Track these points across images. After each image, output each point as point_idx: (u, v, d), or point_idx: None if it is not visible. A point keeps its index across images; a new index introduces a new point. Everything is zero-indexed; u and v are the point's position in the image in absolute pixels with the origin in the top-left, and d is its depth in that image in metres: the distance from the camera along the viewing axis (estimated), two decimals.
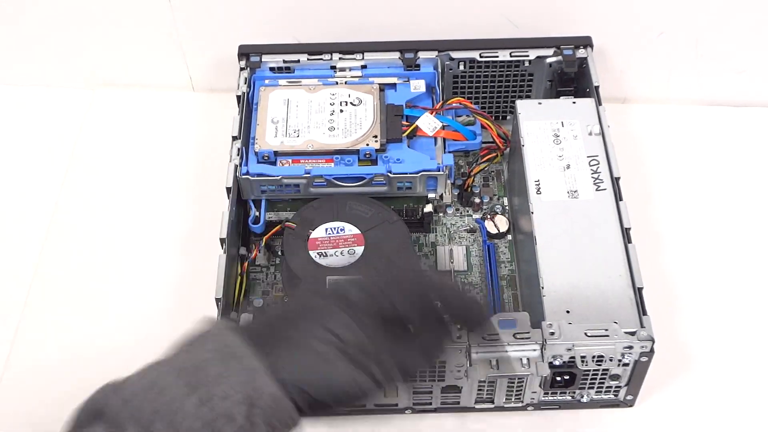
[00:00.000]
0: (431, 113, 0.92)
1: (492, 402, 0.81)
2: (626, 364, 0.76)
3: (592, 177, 0.85)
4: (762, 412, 0.83)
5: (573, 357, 0.75)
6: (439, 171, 0.88)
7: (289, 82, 0.96)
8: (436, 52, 0.96)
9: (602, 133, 0.88)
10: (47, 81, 1.12)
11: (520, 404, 0.81)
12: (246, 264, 0.87)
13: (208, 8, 1.03)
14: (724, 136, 1.06)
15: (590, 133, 0.88)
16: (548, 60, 0.97)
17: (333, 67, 0.97)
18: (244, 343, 0.57)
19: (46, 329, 0.90)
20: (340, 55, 0.97)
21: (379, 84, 0.95)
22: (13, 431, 0.83)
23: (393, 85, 0.96)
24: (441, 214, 0.95)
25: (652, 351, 0.74)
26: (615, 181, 0.85)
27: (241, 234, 0.90)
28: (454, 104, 0.94)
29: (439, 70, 0.96)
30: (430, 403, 0.81)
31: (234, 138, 0.90)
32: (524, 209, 0.86)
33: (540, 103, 0.92)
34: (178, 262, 0.94)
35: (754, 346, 0.87)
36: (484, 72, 0.98)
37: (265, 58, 0.97)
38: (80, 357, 0.87)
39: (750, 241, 0.95)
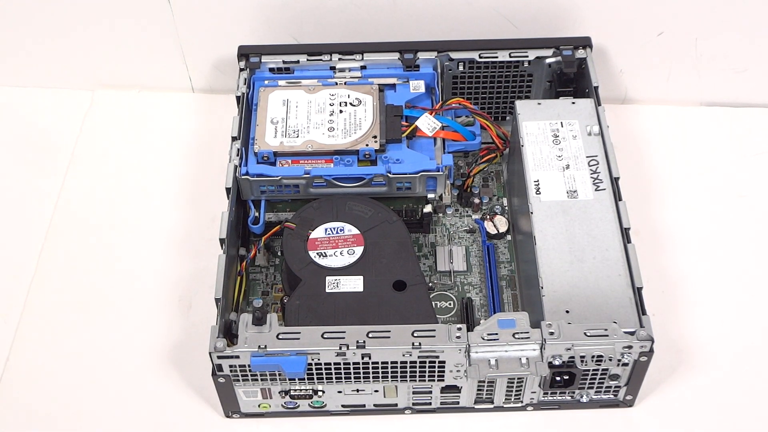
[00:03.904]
0: (431, 114, 0.92)
1: (491, 402, 0.81)
2: (626, 364, 0.76)
3: (592, 177, 0.85)
4: (762, 412, 0.83)
5: (572, 357, 0.75)
6: (438, 171, 0.88)
7: (289, 82, 0.96)
8: (435, 53, 0.97)
9: (601, 134, 0.88)
10: (47, 82, 1.12)
11: (519, 404, 0.82)
12: (245, 264, 0.87)
13: (207, 9, 1.03)
14: (723, 136, 1.06)
15: (589, 134, 0.88)
16: (547, 60, 0.97)
17: (332, 68, 0.97)
18: None
19: (46, 329, 0.90)
20: (340, 56, 0.97)
21: (379, 84, 0.95)
22: (13, 431, 0.83)
23: (392, 86, 0.96)
24: (440, 215, 0.95)
25: (651, 351, 0.74)
26: (614, 181, 0.85)
27: (240, 234, 0.90)
28: (453, 105, 0.94)
29: (439, 70, 0.96)
30: (430, 403, 0.82)
31: (233, 138, 0.90)
32: (524, 209, 0.86)
33: (539, 104, 0.92)
34: (177, 262, 0.95)
35: (754, 345, 0.87)
36: (484, 72, 0.98)
37: (264, 58, 0.97)
38: (80, 357, 0.87)
39: (750, 241, 0.95)
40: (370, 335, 0.74)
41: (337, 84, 0.96)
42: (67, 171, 1.03)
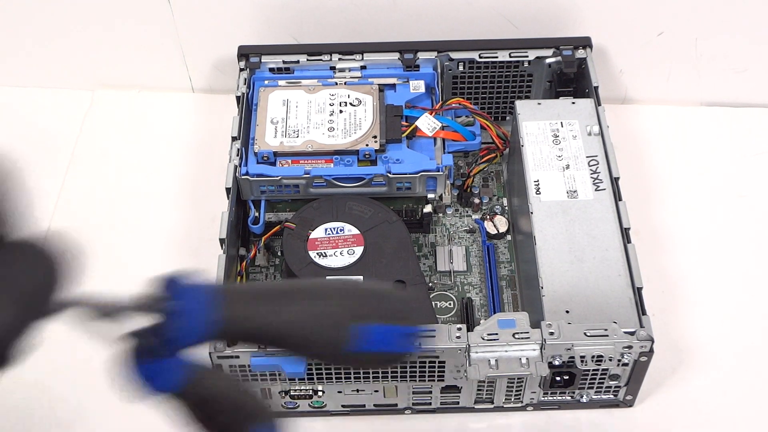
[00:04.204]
0: (430, 114, 0.92)
1: (491, 402, 0.81)
2: (625, 364, 0.76)
3: (592, 177, 0.85)
4: (761, 412, 0.83)
5: (572, 357, 0.75)
6: (438, 171, 0.88)
7: (289, 82, 0.96)
8: (435, 53, 0.97)
9: (601, 134, 0.88)
10: (47, 82, 1.12)
11: (519, 404, 0.82)
12: (245, 264, 0.87)
13: (207, 9, 1.03)
14: (724, 137, 1.06)
15: (589, 134, 0.88)
16: (547, 60, 0.97)
17: (332, 68, 0.97)
18: None
19: (45, 329, 0.90)
20: (340, 56, 0.97)
21: (379, 84, 0.95)
22: (14, 430, 0.83)
23: (392, 86, 0.96)
24: (440, 215, 0.95)
25: (651, 351, 0.74)
26: (614, 181, 0.85)
27: (240, 234, 0.90)
28: (453, 105, 0.94)
29: (439, 70, 0.96)
30: (430, 403, 0.82)
31: (233, 138, 0.90)
32: (524, 209, 0.86)
33: (539, 104, 0.92)
34: (177, 262, 0.94)
35: (754, 345, 0.87)
36: (484, 72, 0.98)
37: (264, 58, 0.97)
38: (80, 357, 0.87)
39: (750, 241, 0.95)
40: None
41: (337, 84, 0.96)
42: (67, 171, 1.04)
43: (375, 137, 0.90)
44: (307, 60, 0.97)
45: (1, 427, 0.83)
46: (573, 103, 0.92)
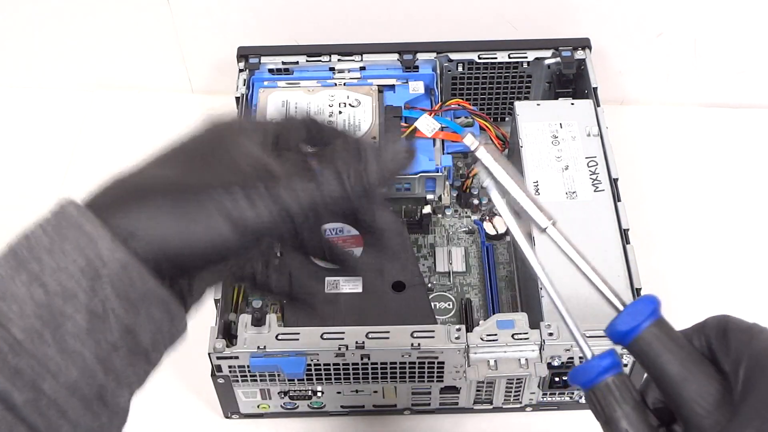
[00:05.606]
0: (430, 114, 0.92)
1: (490, 403, 0.81)
2: (624, 365, 0.76)
3: (591, 178, 0.85)
4: None
5: (571, 357, 0.75)
6: (437, 172, 0.88)
7: (288, 83, 0.96)
8: (434, 54, 0.97)
9: (600, 135, 0.88)
10: (46, 83, 1.12)
11: (518, 405, 0.82)
12: None
13: (207, 10, 1.03)
14: (722, 138, 1.06)
15: (588, 135, 0.88)
16: (547, 61, 0.97)
17: (332, 69, 0.97)
18: (86, 210, 0.48)
19: None
20: (339, 57, 0.97)
21: (378, 85, 0.95)
22: None
23: (392, 87, 0.96)
24: (440, 216, 0.96)
25: None
26: (613, 182, 0.85)
27: None
28: (452, 106, 0.94)
29: (438, 71, 0.97)
30: (429, 404, 0.82)
31: None
32: None
33: (538, 105, 0.92)
34: None
35: None
36: (483, 73, 0.98)
37: (264, 59, 0.97)
38: None
39: (748, 242, 0.96)
40: (369, 336, 0.74)
41: (336, 85, 0.96)
42: (67, 173, 1.04)
43: (374, 138, 0.90)
44: (307, 61, 0.97)
45: None
46: (572, 104, 0.92)
